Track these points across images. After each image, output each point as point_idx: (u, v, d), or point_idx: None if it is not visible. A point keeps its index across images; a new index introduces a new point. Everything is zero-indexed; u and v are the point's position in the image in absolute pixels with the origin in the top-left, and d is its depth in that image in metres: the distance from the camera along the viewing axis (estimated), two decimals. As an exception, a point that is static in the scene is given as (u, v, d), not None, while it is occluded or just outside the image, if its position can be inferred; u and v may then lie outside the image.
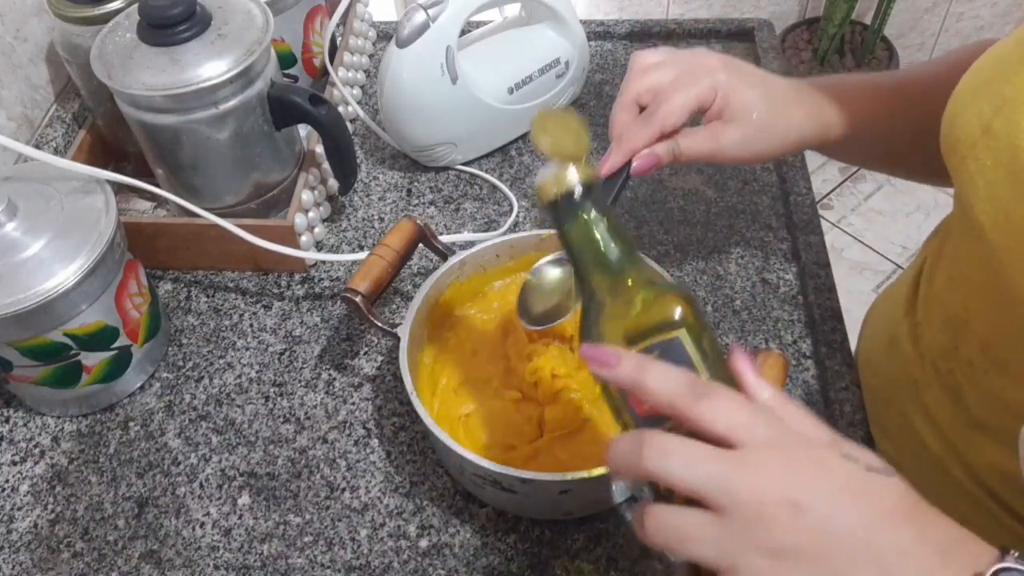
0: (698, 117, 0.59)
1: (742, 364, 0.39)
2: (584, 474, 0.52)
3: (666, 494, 0.37)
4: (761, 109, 0.58)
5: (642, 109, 0.59)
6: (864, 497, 0.35)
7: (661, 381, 0.37)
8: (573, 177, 0.44)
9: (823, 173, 2.10)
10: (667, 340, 0.40)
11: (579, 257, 0.44)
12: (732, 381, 0.39)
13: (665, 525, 0.35)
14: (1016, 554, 0.33)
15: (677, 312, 0.40)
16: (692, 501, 0.35)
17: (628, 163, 0.58)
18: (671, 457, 0.35)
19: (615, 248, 0.43)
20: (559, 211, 0.44)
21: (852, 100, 0.61)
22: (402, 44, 0.77)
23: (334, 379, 0.70)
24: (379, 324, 0.62)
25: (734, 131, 0.58)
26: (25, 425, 0.69)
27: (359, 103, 0.91)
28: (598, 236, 0.43)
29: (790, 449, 0.35)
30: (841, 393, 0.66)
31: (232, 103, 0.69)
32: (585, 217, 0.44)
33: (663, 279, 0.43)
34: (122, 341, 0.67)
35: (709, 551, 0.34)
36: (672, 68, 0.58)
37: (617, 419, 0.42)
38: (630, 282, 0.42)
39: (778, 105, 0.59)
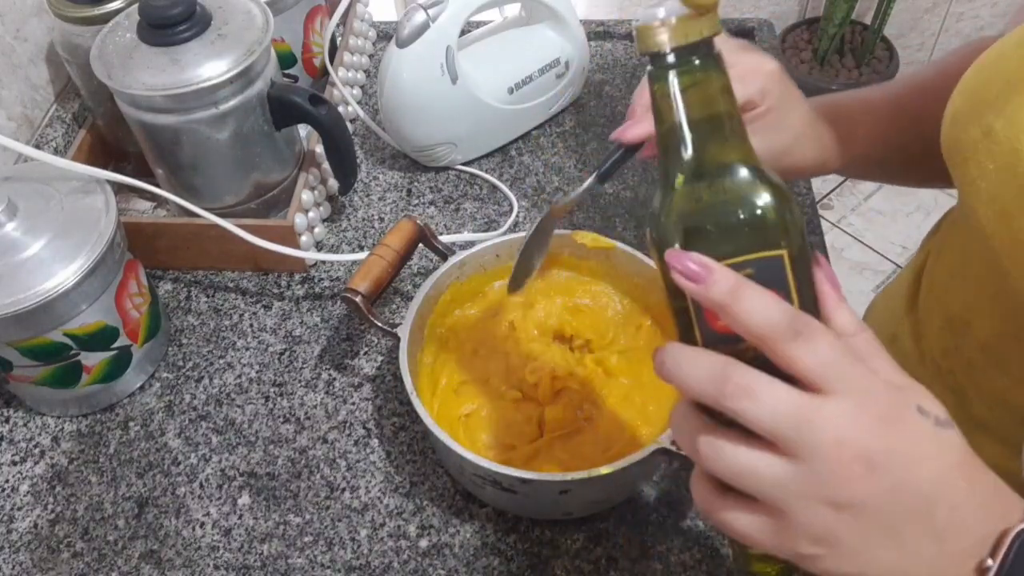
0: None
1: (826, 285, 0.37)
2: (584, 474, 0.52)
3: (716, 414, 0.34)
4: (787, 135, 0.57)
5: None
6: (933, 454, 0.34)
7: (757, 310, 0.33)
8: (700, 28, 0.35)
9: (823, 173, 2.10)
10: (767, 258, 0.34)
11: (676, 130, 0.36)
12: (815, 301, 0.36)
13: (723, 455, 0.34)
14: None
15: (785, 224, 0.34)
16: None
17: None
18: (756, 399, 0.33)
19: (729, 129, 0.36)
20: (667, 66, 0.35)
21: (853, 129, 0.60)
22: (402, 44, 0.77)
23: (334, 379, 0.70)
24: (379, 324, 0.62)
25: (759, 144, 0.55)
26: (25, 425, 0.69)
27: (359, 103, 0.91)
28: (712, 109, 0.36)
29: (876, 404, 0.34)
30: (841, 393, 0.66)
31: (232, 103, 0.69)
32: (710, 77, 0.35)
33: (777, 177, 0.35)
34: (122, 341, 0.67)
35: (767, 488, 0.33)
36: (732, 54, 0.56)
37: (679, 323, 0.37)
38: (736, 173, 0.35)
39: (798, 137, 0.57)
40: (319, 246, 0.80)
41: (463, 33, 0.80)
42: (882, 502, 0.33)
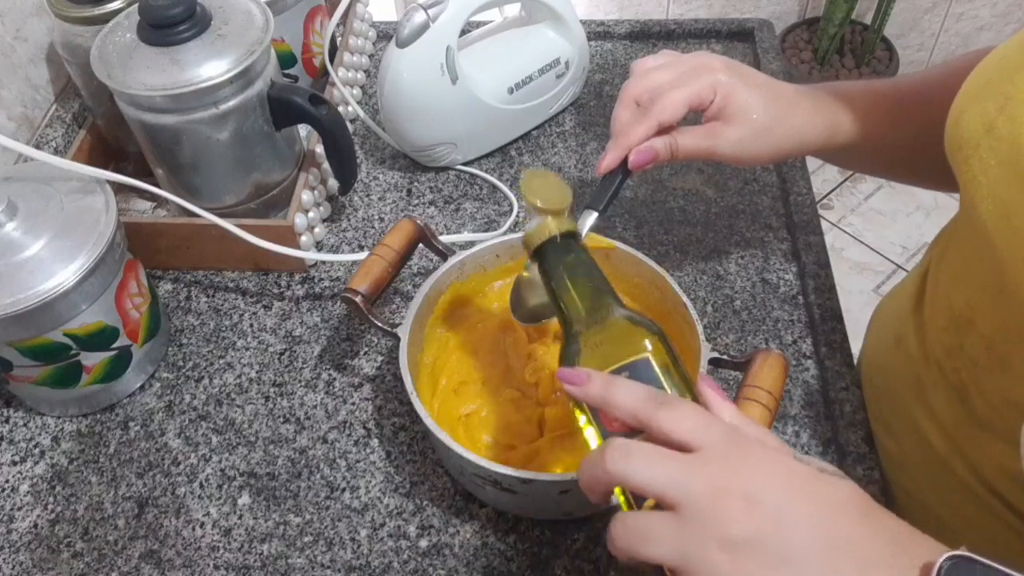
0: (698, 116, 0.60)
1: (707, 388, 0.42)
2: (584, 474, 0.52)
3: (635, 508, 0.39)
4: (760, 112, 0.58)
5: None
6: (816, 492, 0.36)
7: (626, 394, 0.39)
8: (558, 226, 0.50)
9: (823, 173, 2.10)
10: (635, 361, 0.43)
11: (560, 295, 0.49)
12: (697, 400, 0.42)
13: (628, 529, 0.37)
14: (964, 550, 0.34)
15: (647, 341, 0.44)
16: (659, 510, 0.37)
17: (626, 161, 0.58)
18: (631, 458, 0.37)
19: (593, 287, 0.48)
20: (544, 256, 0.50)
21: (852, 108, 0.61)
22: (402, 44, 0.77)
23: (334, 379, 0.70)
24: (379, 324, 0.62)
25: (732, 131, 0.58)
26: (25, 425, 0.69)
27: (359, 103, 0.91)
28: (578, 276, 0.48)
29: (745, 450, 0.37)
30: (841, 393, 0.66)
31: (232, 103, 0.69)
32: (567, 260, 0.49)
33: (637, 314, 0.46)
34: (122, 341, 0.67)
35: (668, 549, 0.35)
36: (672, 69, 0.59)
37: (588, 441, 0.44)
38: (605, 316, 0.46)
39: (779, 110, 0.59)
40: (319, 246, 0.80)
41: (463, 33, 0.80)
42: (772, 533, 0.34)
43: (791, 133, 0.60)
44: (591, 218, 0.59)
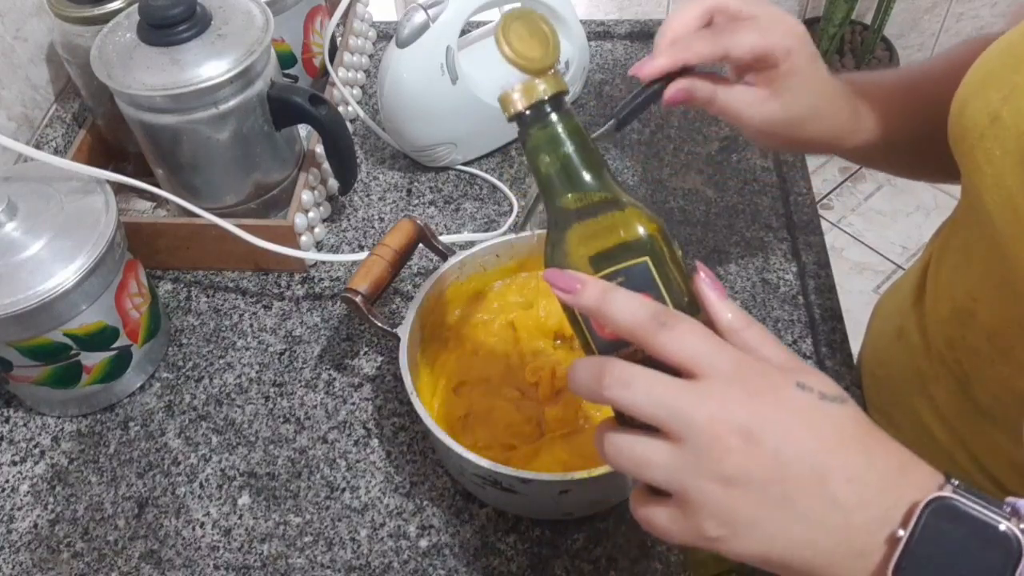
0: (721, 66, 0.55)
1: (705, 287, 0.39)
2: (584, 474, 0.52)
3: (628, 420, 0.37)
4: (805, 104, 0.55)
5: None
6: (816, 425, 0.35)
7: (624, 309, 0.36)
8: (539, 89, 0.40)
9: (823, 173, 2.10)
10: (632, 266, 0.38)
11: (545, 175, 0.41)
12: (697, 304, 0.39)
13: (622, 450, 0.36)
14: (956, 483, 0.34)
15: (644, 236, 0.39)
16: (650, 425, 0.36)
17: (662, 81, 0.53)
18: (631, 387, 0.35)
19: (583, 166, 0.40)
20: (524, 125, 0.41)
21: (871, 107, 0.59)
22: (402, 44, 0.77)
23: (334, 379, 0.70)
24: (379, 324, 0.62)
25: (776, 109, 0.54)
26: (25, 425, 0.69)
27: (359, 103, 0.91)
28: (565, 153, 0.40)
29: (747, 380, 0.35)
30: (841, 393, 0.66)
31: (232, 103, 0.69)
32: (552, 133, 0.41)
33: (632, 200, 0.40)
34: (122, 341, 0.67)
35: (662, 475, 0.35)
36: (759, 5, 0.53)
37: (580, 342, 0.41)
38: (597, 202, 0.40)
39: (816, 108, 0.56)
40: (319, 246, 0.80)
41: (463, 33, 0.80)
42: (767, 472, 0.34)
43: (821, 130, 0.56)
44: (607, 126, 0.54)
